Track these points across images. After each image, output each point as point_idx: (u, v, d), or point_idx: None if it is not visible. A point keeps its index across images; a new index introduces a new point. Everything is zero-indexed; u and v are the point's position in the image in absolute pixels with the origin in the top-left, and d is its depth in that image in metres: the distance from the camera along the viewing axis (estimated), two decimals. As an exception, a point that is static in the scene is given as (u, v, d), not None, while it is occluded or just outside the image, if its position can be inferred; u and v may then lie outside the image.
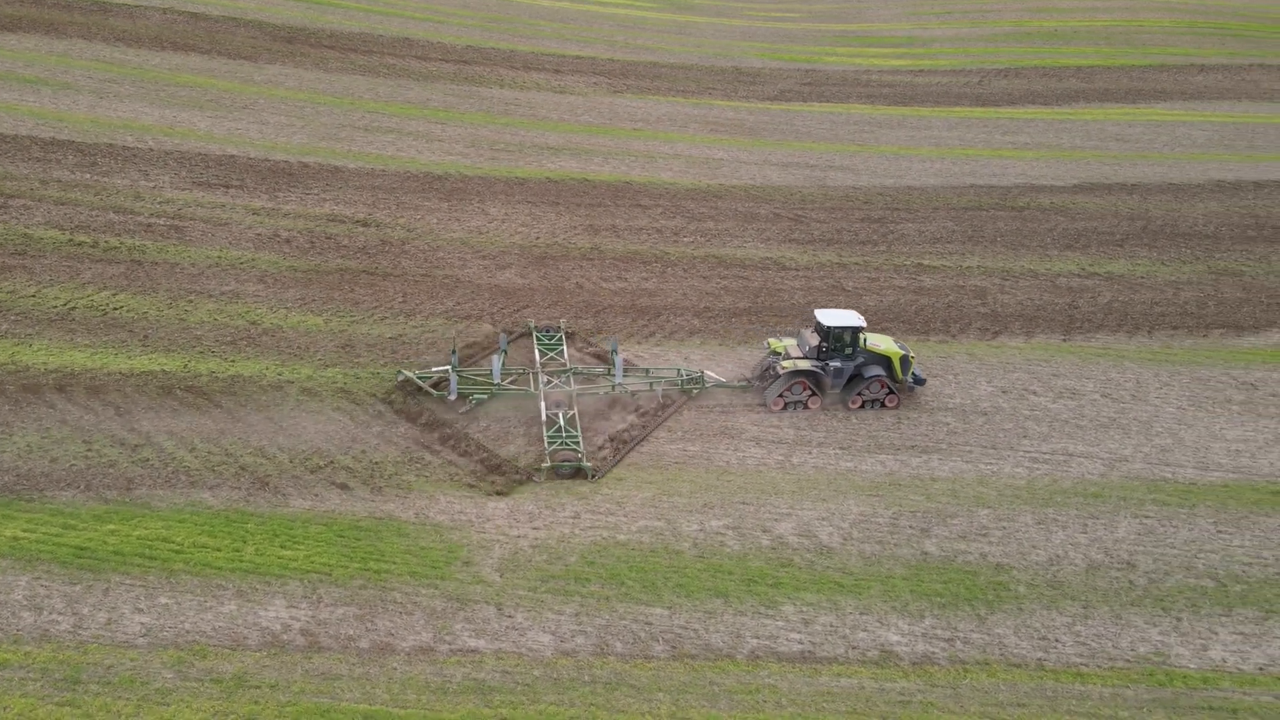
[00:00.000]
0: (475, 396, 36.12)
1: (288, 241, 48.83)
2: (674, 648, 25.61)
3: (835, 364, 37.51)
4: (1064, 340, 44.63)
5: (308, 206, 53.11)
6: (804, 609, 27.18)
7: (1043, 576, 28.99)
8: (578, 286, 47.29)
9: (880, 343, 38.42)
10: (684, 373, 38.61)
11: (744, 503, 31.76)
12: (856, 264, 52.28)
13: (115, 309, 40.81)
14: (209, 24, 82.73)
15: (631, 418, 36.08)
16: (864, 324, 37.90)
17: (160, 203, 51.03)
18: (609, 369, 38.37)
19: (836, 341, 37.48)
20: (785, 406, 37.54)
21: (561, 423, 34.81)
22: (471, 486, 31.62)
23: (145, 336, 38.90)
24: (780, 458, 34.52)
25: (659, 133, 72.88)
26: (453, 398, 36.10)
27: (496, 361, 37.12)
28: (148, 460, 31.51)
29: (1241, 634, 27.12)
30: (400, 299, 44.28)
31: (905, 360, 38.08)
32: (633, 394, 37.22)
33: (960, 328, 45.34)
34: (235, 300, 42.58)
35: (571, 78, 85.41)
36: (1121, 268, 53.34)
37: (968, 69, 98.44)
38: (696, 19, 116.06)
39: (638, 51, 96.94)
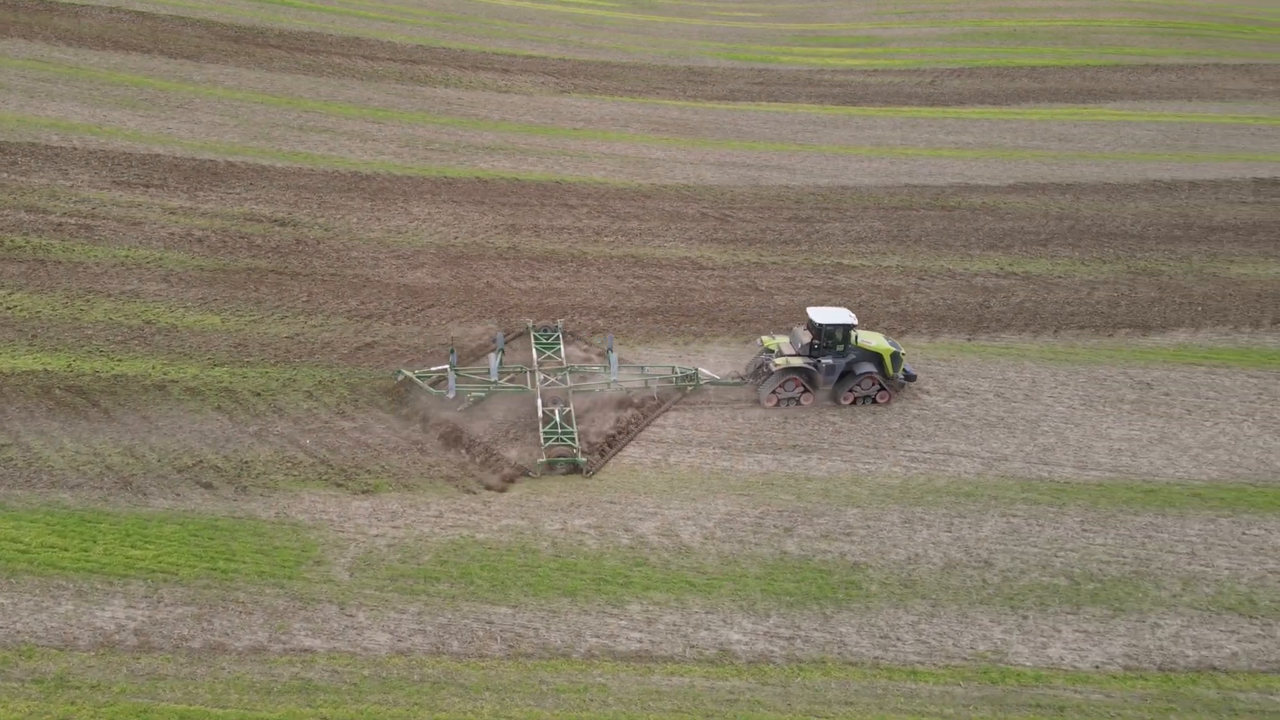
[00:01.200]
0: (473, 394, 36.59)
1: (200, 241, 48.79)
2: (511, 647, 25.65)
3: (827, 361, 38.18)
4: (968, 340, 44.71)
5: (227, 206, 53.07)
6: (650, 608, 27.22)
7: (897, 575, 29.05)
8: (488, 286, 47.30)
9: (872, 340, 39.15)
10: (679, 370, 39.08)
11: (611, 502, 31.80)
12: (775, 263, 52.34)
13: (9, 308, 40.76)
14: (155, 23, 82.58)
15: (624, 413, 36.69)
16: (856, 321, 38.59)
17: (75, 202, 50.97)
18: (605, 366, 39.00)
19: (828, 339, 38.10)
20: (779, 403, 38.11)
21: (558, 419, 35.40)
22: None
23: (34, 336, 38.84)
24: (658, 457, 34.57)
25: (599, 132, 72.91)
26: (451, 396, 36.51)
27: (494, 360, 37.70)
28: (11, 460, 31.49)
29: (1084, 632, 27.20)
30: (304, 298, 44.27)
31: (896, 357, 38.77)
32: (628, 391, 37.90)
33: (866, 328, 45.32)
34: (134, 300, 42.54)
35: (519, 77, 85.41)
36: (1041, 267, 53.45)
37: (922, 69, 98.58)
38: (657, 18, 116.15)
39: (591, 51, 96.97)
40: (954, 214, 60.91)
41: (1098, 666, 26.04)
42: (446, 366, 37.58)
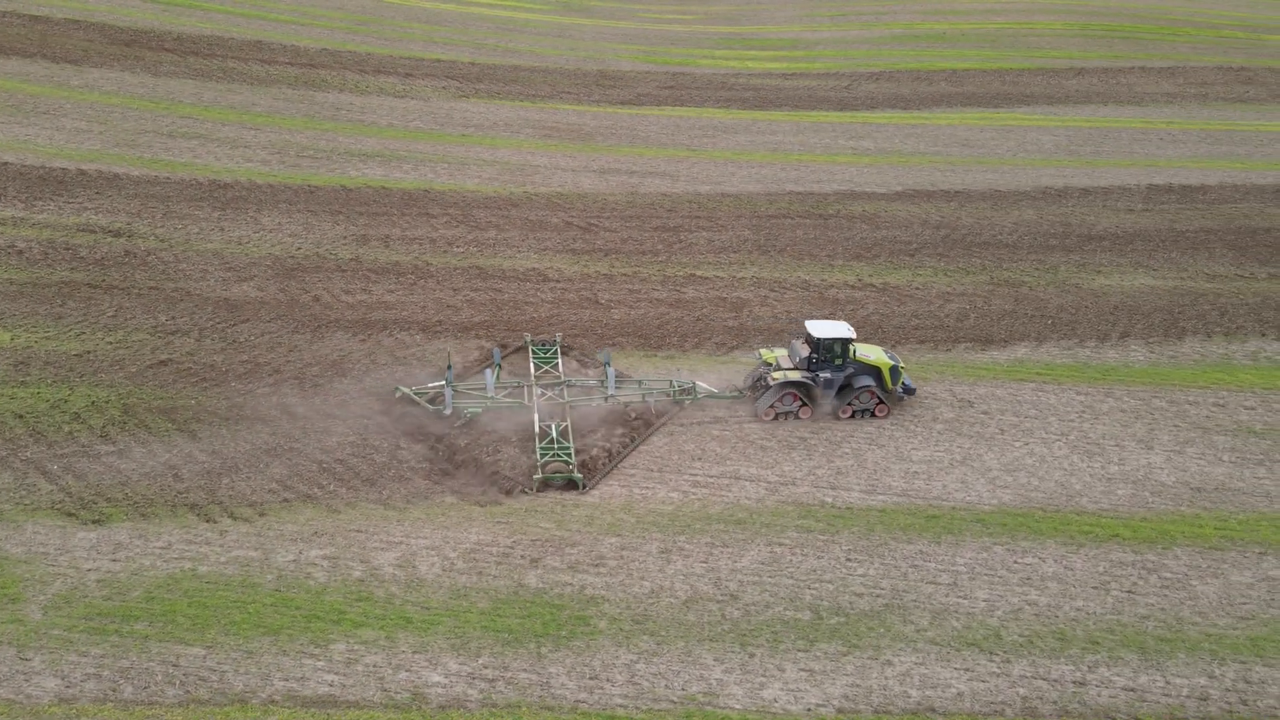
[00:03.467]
0: (469, 410, 36.41)
1: (20, 253, 47.37)
2: (187, 692, 24.32)
3: (825, 374, 37.99)
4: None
5: (63, 216, 51.63)
6: (355, 648, 25.92)
7: (632, 611, 27.78)
8: (314, 300, 45.95)
9: (870, 353, 38.83)
10: (676, 384, 38.88)
11: (359, 530, 30.51)
12: (625, 275, 51.09)
13: None
14: (47, 27, 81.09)
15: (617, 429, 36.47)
16: (854, 335, 38.38)
17: (-99, 213, 49.65)
18: (602, 380, 38.79)
19: (827, 352, 37.95)
20: (776, 417, 37.86)
21: (554, 434, 35.07)
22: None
23: None
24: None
25: (486, 138, 71.61)
26: (448, 412, 36.28)
27: (489, 375, 37.46)
28: None
29: (809, 671, 25.96)
30: (111, 313, 42.88)
31: (895, 370, 38.51)
32: (625, 404, 37.75)
33: (696, 343, 44.15)
34: (-73, 316, 41.24)
35: (422, 81, 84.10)
36: (901, 278, 52.28)
37: (841, 72, 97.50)
38: (583, 21, 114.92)
39: (504, 55, 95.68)
40: (829, 222, 59.75)
41: (810, 709, 24.80)
42: (443, 383, 37.61)
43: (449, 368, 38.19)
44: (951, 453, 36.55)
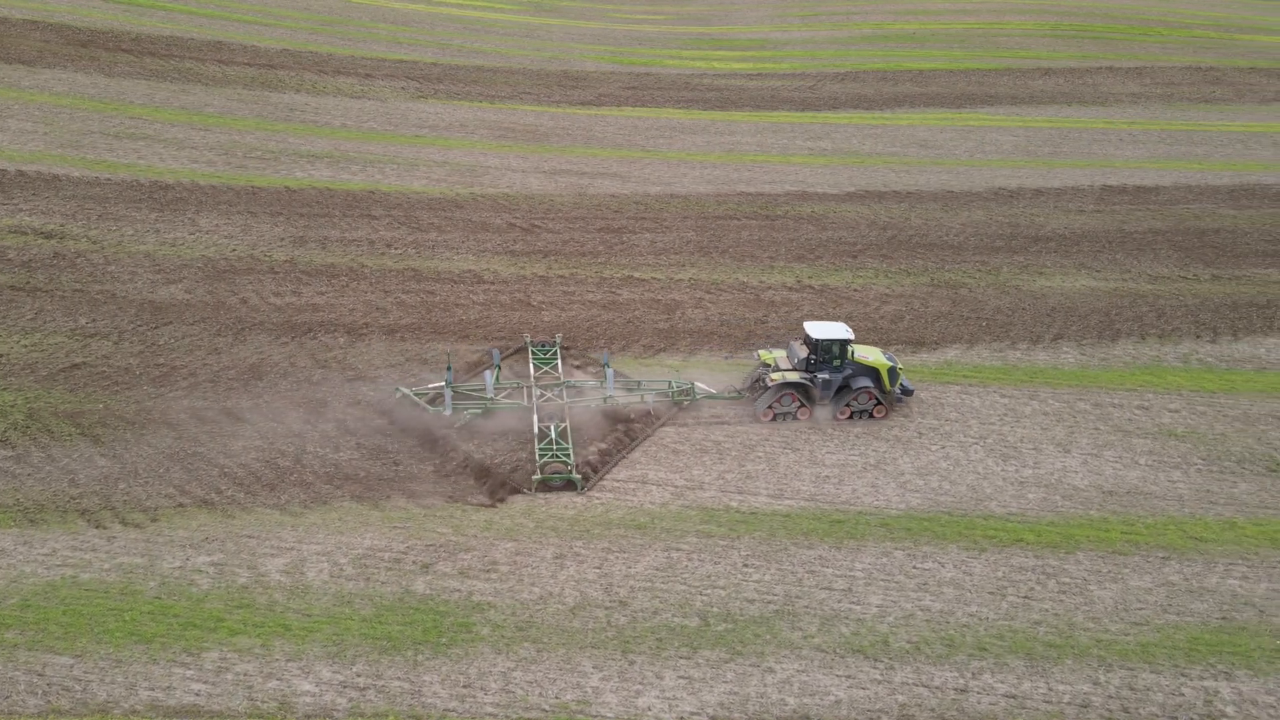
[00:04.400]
0: (469, 411, 36.77)
1: (-53, 255, 47.14)
2: (48, 702, 23.98)
3: (824, 376, 38.13)
4: (726, 359, 43.18)
5: (-4, 218, 51.37)
6: (228, 655, 25.60)
7: (517, 617, 27.47)
8: (241, 302, 45.59)
9: (869, 355, 38.92)
10: (675, 385, 39.04)
11: (250, 536, 30.19)
12: (562, 276, 50.80)
13: None
14: (5, 27, 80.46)
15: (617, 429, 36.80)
16: (852, 336, 38.53)
17: None
18: (601, 381, 39.01)
19: (825, 353, 38.10)
20: (775, 418, 38.04)
21: (553, 435, 35.18)
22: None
23: None
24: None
25: (440, 139, 71.30)
26: (448, 413, 36.52)
27: (489, 376, 37.91)
28: None
29: (689, 678, 25.66)
30: (31, 316, 42.53)
31: (893, 372, 38.64)
32: (624, 405, 38.01)
33: (624, 345, 43.85)
34: None
35: (381, 82, 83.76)
36: (841, 280, 52.02)
37: (806, 72, 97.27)
38: (551, 21, 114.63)
39: (468, 55, 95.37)
40: (776, 224, 59.47)
41: (682, 717, 24.51)
42: (443, 383, 37.86)
43: (449, 369, 38.23)
44: (866, 456, 36.27)
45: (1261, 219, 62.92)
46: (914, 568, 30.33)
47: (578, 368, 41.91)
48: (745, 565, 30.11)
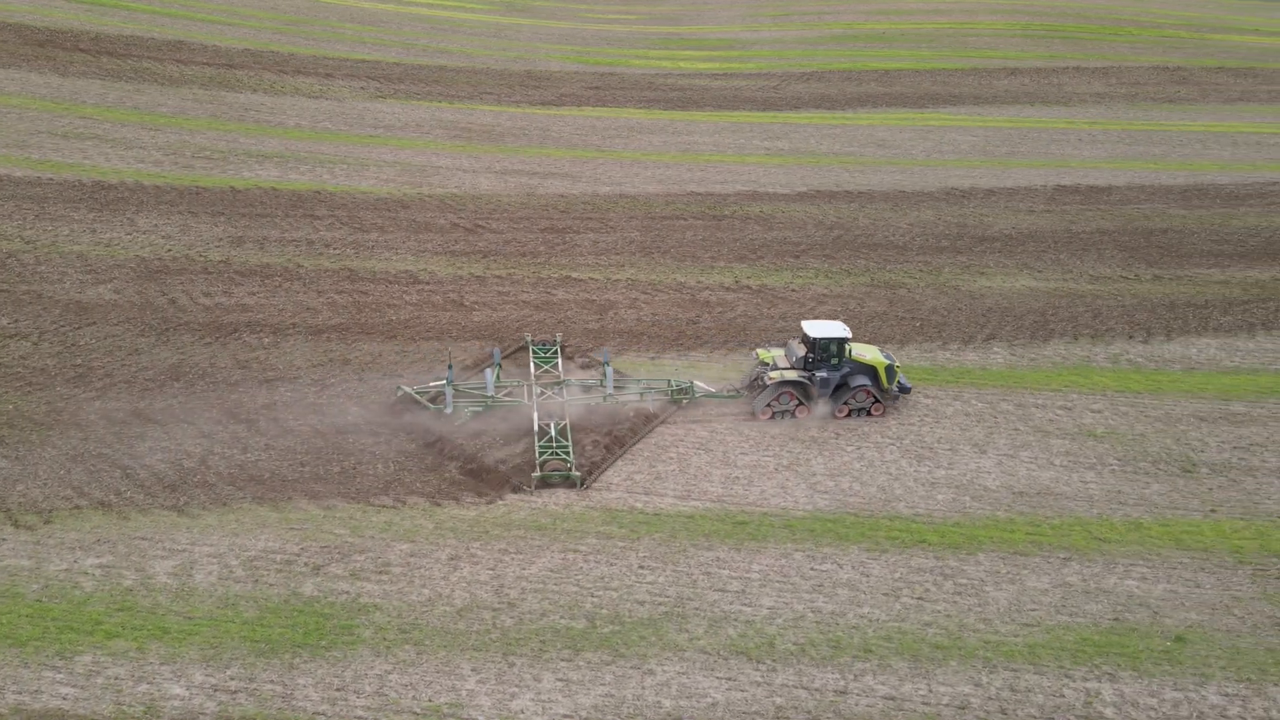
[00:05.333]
0: (470, 409, 37.15)
1: (-125, 256, 46.95)
2: (-87, 705, 23.90)
3: (822, 374, 38.36)
4: (652, 359, 43.01)
5: (-69, 218, 51.17)
6: (101, 659, 25.41)
7: (402, 619, 27.30)
8: (170, 303, 45.39)
9: (866, 353, 39.21)
10: (674, 383, 39.28)
11: (143, 538, 29.99)
12: (499, 276, 50.64)
13: None
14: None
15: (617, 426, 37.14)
16: (850, 335, 38.74)
17: None
18: (601, 380, 39.24)
19: (823, 352, 38.33)
20: (773, 416, 38.36)
21: (553, 433, 35.47)
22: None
23: None
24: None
25: (393, 139, 71.15)
26: (449, 411, 36.90)
27: (489, 375, 38.19)
28: None
29: (567, 680, 25.50)
30: (-47, 317, 42.46)
31: (890, 370, 38.93)
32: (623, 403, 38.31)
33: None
34: None
35: (341, 82, 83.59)
36: (780, 280, 51.91)
37: (772, 72, 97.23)
38: (522, 21, 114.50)
39: (433, 55, 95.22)
40: (722, 224, 59.37)
41: (554, 720, 24.42)
42: (444, 382, 38.09)
43: (449, 367, 38.54)
44: (779, 458, 36.13)
45: (1211, 219, 62.89)
46: (811, 569, 30.19)
47: (585, 367, 42.12)
48: (641, 567, 29.96)
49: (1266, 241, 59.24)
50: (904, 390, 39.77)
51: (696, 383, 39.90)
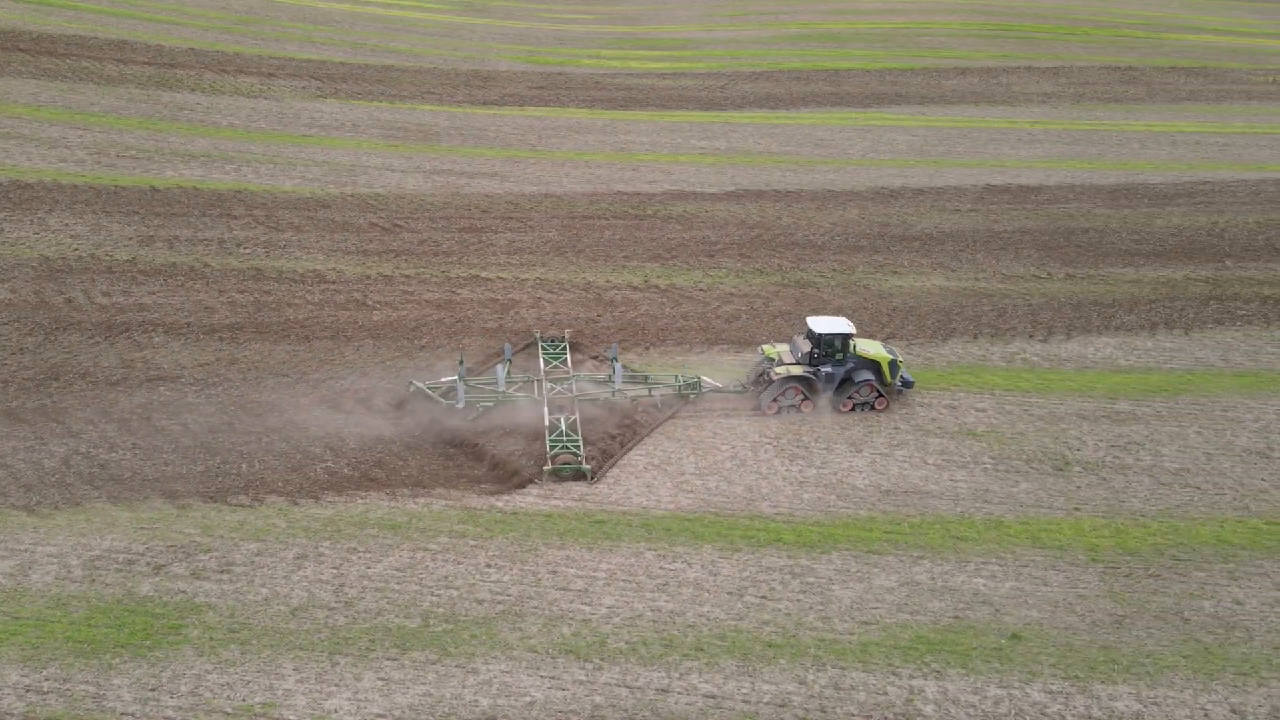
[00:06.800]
0: (481, 404, 37.83)
1: None
2: None
3: (826, 369, 39.22)
4: (461, 364, 42.87)
5: None
6: (-80, 660, 25.38)
7: (233, 619, 27.21)
8: (66, 302, 45.22)
9: (870, 348, 40.00)
10: (681, 379, 39.95)
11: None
12: (407, 276, 50.55)
13: None
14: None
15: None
16: (854, 331, 39.60)
17: None
18: (609, 375, 39.92)
19: (827, 348, 39.13)
20: (780, 411, 38.89)
21: (563, 427, 36.13)
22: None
23: None
24: (88, 488, 32.77)
25: (326, 138, 71.02)
26: (460, 406, 37.46)
27: (501, 370, 38.86)
28: None
29: (388, 680, 25.42)
30: None
31: (894, 364, 39.79)
32: (632, 399, 39.08)
33: (454, 347, 43.58)
34: None
35: (284, 81, 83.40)
36: (690, 280, 51.88)
37: (722, 72, 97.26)
38: (477, 21, 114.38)
39: (382, 55, 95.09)
40: (642, 223, 59.34)
41: (366, 719, 24.33)
42: (456, 377, 38.71)
43: (460, 363, 39.14)
44: (651, 456, 36.11)
45: (1136, 218, 62.99)
46: (660, 569, 30.16)
47: (594, 360, 42.84)
48: (488, 566, 29.92)
49: (1187, 241, 59.37)
50: (907, 384, 40.46)
51: (704, 378, 40.45)
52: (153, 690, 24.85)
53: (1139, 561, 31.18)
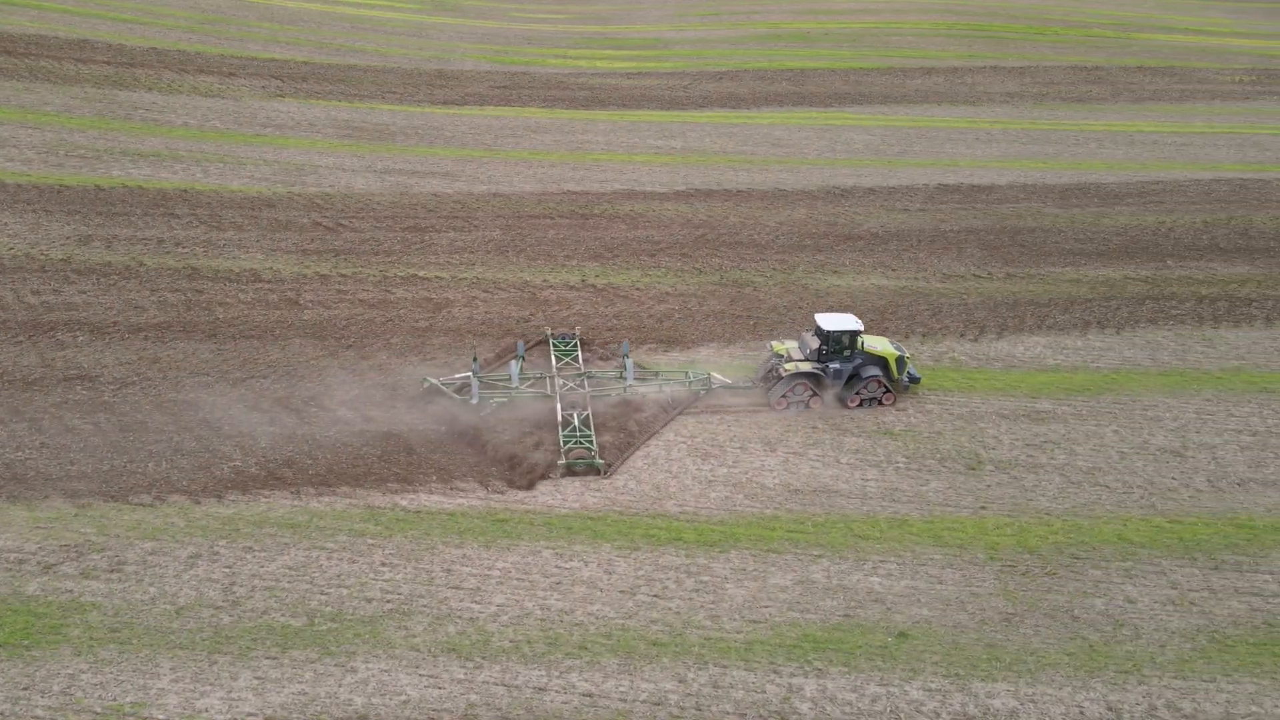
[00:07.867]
0: (496, 400, 38.52)
1: None
2: None
3: (834, 365, 39.69)
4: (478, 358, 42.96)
5: None
6: None
7: (118, 619, 27.17)
8: (-5, 302, 45.32)
9: (877, 344, 40.42)
10: (692, 375, 40.60)
11: (-115, 538, 29.91)
12: (343, 275, 50.47)
13: None
14: None
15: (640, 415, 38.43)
16: (862, 327, 40.02)
17: None
18: (620, 372, 40.53)
19: (835, 344, 39.62)
20: (788, 406, 39.49)
21: (576, 423, 36.70)
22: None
23: None
24: None
25: (279, 138, 70.90)
26: (474, 401, 38.08)
27: (514, 367, 39.70)
28: None
29: (264, 679, 25.40)
30: None
31: (901, 360, 40.23)
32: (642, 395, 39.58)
33: (382, 344, 43.55)
34: None
35: (243, 80, 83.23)
36: (628, 279, 51.88)
37: (687, 71, 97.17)
38: (447, 20, 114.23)
39: (345, 54, 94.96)
40: (587, 223, 59.32)
41: (236, 718, 24.30)
42: (470, 374, 39.32)
43: (474, 359, 39.60)
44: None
45: (1084, 218, 63.03)
46: (556, 567, 30.17)
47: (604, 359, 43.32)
48: (383, 565, 29.92)
49: (1131, 240, 59.44)
50: (914, 380, 40.81)
51: (714, 375, 40.86)
52: (24, 690, 24.82)
53: (1037, 560, 31.24)
